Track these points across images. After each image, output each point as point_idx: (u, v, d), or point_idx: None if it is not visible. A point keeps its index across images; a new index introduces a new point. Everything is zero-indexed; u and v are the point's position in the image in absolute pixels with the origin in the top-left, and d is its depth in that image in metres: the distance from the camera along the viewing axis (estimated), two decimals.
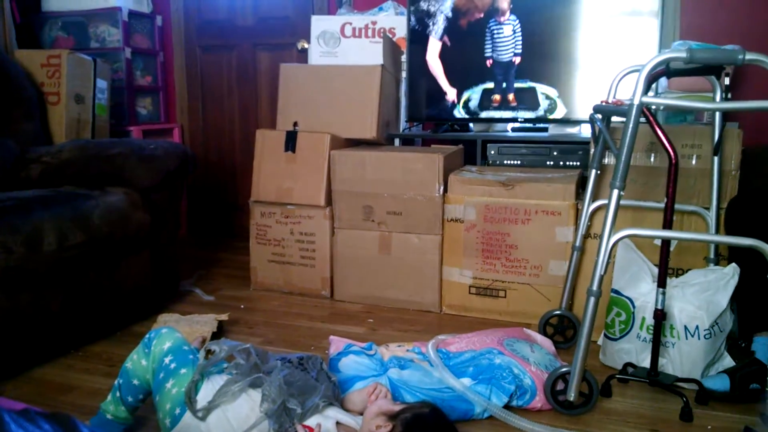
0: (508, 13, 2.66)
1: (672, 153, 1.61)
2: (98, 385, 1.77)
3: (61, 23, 3.50)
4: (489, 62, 2.71)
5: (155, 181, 2.31)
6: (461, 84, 2.76)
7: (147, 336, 1.47)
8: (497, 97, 2.71)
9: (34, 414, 0.65)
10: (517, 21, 2.64)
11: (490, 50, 2.71)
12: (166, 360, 1.40)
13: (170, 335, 1.46)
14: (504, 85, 2.70)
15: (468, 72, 2.76)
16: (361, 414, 1.41)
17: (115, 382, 1.46)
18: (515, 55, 2.67)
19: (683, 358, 1.75)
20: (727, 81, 1.82)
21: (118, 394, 1.45)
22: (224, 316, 2.17)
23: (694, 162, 2.03)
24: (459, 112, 2.77)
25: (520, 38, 2.66)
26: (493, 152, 2.64)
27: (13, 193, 2.07)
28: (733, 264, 1.79)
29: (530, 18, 2.62)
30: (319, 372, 1.43)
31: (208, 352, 1.45)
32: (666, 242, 1.72)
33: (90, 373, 1.87)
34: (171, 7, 3.73)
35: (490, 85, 2.72)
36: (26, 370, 1.87)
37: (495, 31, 2.69)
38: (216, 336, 2.07)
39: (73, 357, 1.99)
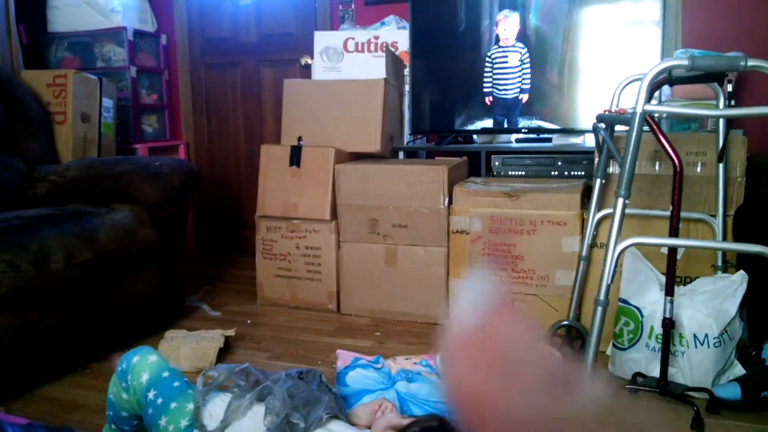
0: (513, 39, 2.61)
1: (676, 160, 1.61)
2: (105, 403, 1.76)
3: (67, 43, 3.54)
4: (488, 100, 2.70)
5: (161, 198, 2.32)
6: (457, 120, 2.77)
7: (119, 367, 1.41)
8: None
9: (37, 428, 0.65)
10: (526, 49, 2.59)
11: (490, 85, 2.70)
12: (150, 395, 1.34)
13: (143, 364, 1.38)
14: (506, 125, 2.71)
15: (462, 110, 2.76)
16: (367, 428, 1.41)
17: (107, 412, 1.45)
18: (522, 91, 2.65)
19: (693, 367, 1.74)
20: (730, 88, 1.82)
21: (113, 426, 1.45)
22: (231, 332, 2.17)
23: (699, 169, 2.03)
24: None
25: (529, 69, 2.61)
26: (497, 163, 2.64)
27: (20, 211, 2.09)
28: (741, 271, 1.78)
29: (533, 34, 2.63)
30: (319, 384, 1.42)
31: (206, 377, 1.43)
32: (673, 250, 1.71)
33: (97, 391, 1.87)
34: (175, 26, 3.77)
35: (488, 122, 2.73)
36: (34, 388, 1.88)
37: (497, 62, 2.67)
38: (223, 351, 2.06)
39: (80, 374, 1.99)
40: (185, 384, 1.39)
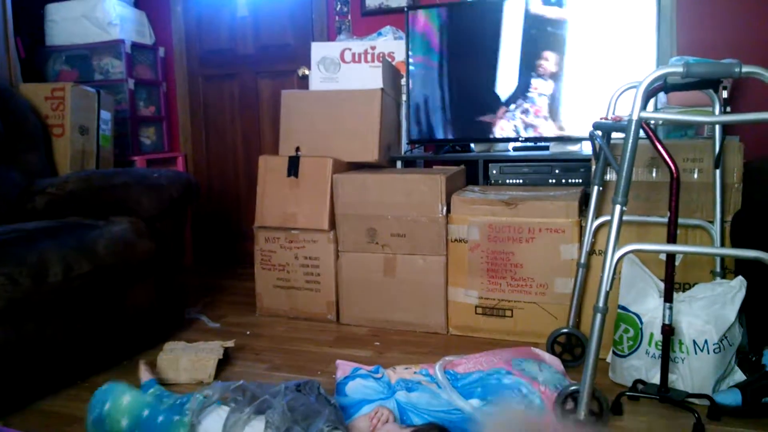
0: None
1: (673, 167, 1.62)
2: None
3: (65, 57, 3.55)
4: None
5: (159, 210, 2.32)
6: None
7: (90, 416, 1.38)
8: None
9: None
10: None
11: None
12: None
13: (118, 409, 1.36)
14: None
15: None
16: None
17: None
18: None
19: (693, 374, 1.74)
20: (725, 94, 1.83)
21: None
22: (230, 343, 2.16)
23: (695, 176, 2.03)
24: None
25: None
26: (495, 172, 2.64)
27: (18, 224, 2.09)
28: (740, 277, 1.78)
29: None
30: (317, 396, 1.41)
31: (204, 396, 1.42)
32: (671, 257, 1.72)
33: None
34: (173, 38, 3.79)
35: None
36: (32, 402, 1.87)
37: None
38: (222, 363, 2.06)
39: (79, 388, 1.98)
40: (170, 412, 1.36)
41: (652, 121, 1.60)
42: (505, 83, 2.68)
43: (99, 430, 1.37)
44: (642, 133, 1.56)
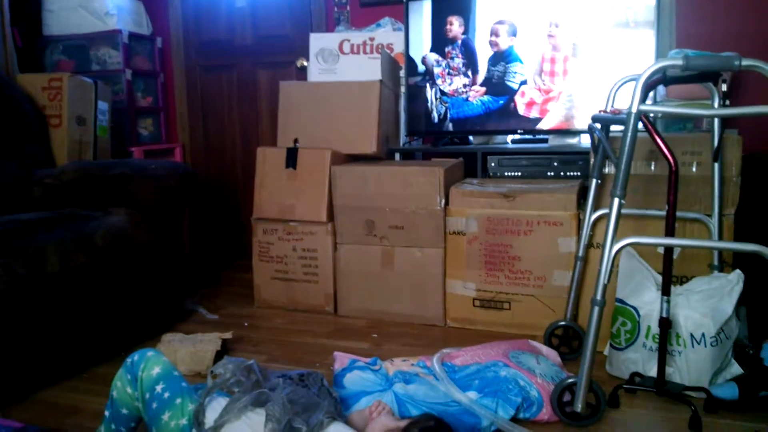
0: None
1: (671, 160, 1.61)
2: (103, 407, 1.74)
3: (62, 47, 3.53)
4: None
5: (157, 201, 2.32)
6: None
7: (129, 360, 1.40)
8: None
9: (32, 430, 0.65)
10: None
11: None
12: (158, 388, 1.35)
13: (157, 359, 1.39)
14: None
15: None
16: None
17: (105, 412, 1.43)
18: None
19: (690, 367, 1.74)
20: (724, 87, 1.82)
21: (112, 426, 1.42)
22: (228, 335, 2.16)
23: (694, 169, 2.03)
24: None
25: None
26: (493, 164, 2.64)
27: (15, 215, 2.08)
28: (738, 270, 1.78)
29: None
30: (320, 388, 1.42)
31: (214, 375, 1.43)
32: (669, 250, 1.72)
33: (95, 395, 1.86)
34: (171, 29, 3.77)
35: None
36: (31, 394, 1.87)
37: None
38: (220, 354, 2.06)
39: (77, 379, 1.99)
40: (192, 387, 1.40)
41: (651, 114, 1.60)
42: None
43: (128, 372, 1.38)
44: (641, 126, 1.56)
